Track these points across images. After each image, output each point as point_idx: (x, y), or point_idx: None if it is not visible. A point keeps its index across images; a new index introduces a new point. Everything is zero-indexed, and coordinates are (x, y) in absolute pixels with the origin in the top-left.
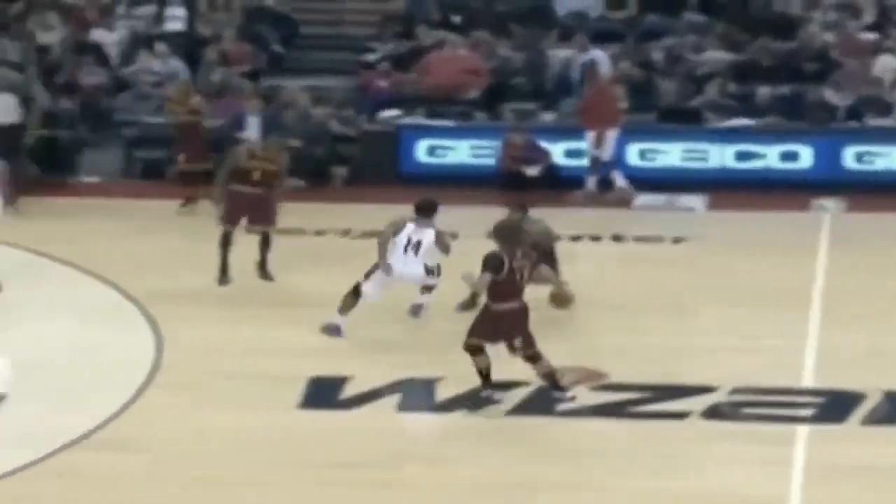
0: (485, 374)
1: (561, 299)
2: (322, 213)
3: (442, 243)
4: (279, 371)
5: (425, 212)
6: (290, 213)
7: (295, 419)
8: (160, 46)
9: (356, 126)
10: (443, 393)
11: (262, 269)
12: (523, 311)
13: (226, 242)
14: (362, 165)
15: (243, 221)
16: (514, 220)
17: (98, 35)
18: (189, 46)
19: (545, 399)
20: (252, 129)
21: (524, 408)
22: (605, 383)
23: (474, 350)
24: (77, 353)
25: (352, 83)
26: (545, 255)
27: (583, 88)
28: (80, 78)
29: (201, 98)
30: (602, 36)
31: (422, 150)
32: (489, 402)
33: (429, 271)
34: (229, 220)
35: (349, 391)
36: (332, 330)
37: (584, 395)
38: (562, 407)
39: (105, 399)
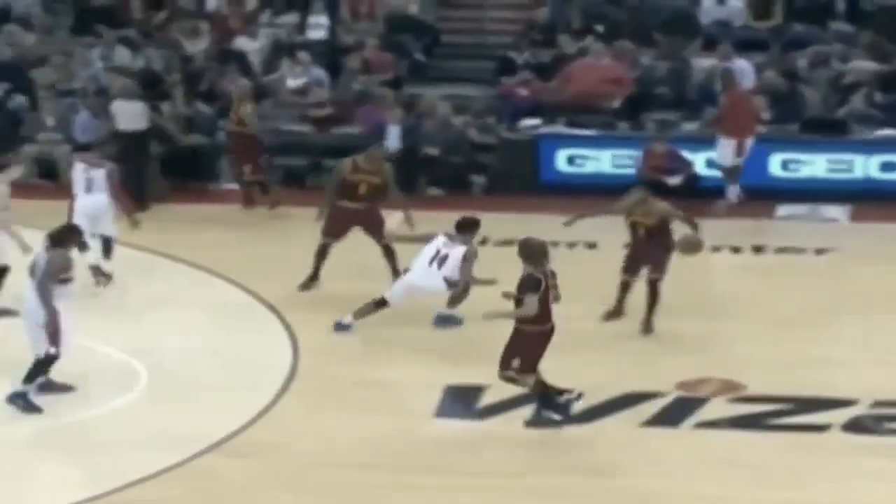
0: (544, 388)
1: (690, 244)
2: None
3: (467, 264)
4: (416, 378)
5: (463, 229)
6: (429, 222)
7: (430, 427)
8: (302, 55)
9: (496, 135)
10: (578, 404)
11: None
12: (546, 335)
13: (322, 254)
14: (501, 174)
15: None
16: (539, 240)
17: (241, 43)
18: (331, 55)
19: (681, 410)
20: (392, 138)
21: (659, 419)
22: (743, 395)
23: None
24: (215, 358)
25: (492, 92)
26: (671, 228)
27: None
28: (221, 86)
29: (253, 108)
30: (746, 45)
31: (561, 160)
32: (570, 404)
33: (450, 285)
34: (332, 234)
35: (486, 400)
36: (342, 328)
37: (722, 407)
38: (698, 419)
39: (241, 404)
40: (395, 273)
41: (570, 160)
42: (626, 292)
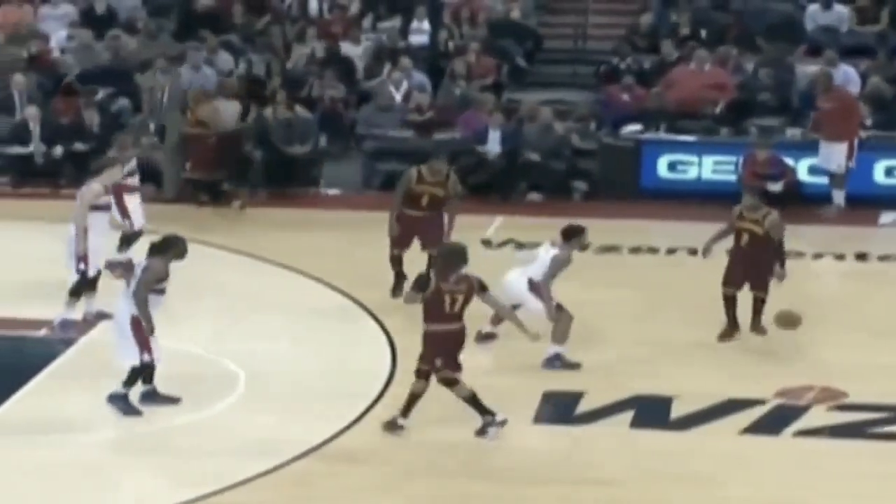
0: (474, 402)
1: (788, 319)
2: (560, 227)
3: (554, 267)
4: (514, 385)
5: (568, 237)
6: (529, 228)
7: (528, 434)
8: (404, 60)
9: (597, 140)
10: (677, 410)
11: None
12: (455, 335)
13: (396, 262)
14: (602, 180)
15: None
16: (460, 245)
17: (343, 48)
18: (433, 60)
19: (781, 418)
20: (493, 143)
21: (759, 427)
22: (844, 403)
23: (449, 382)
24: (313, 363)
25: (594, 97)
26: (775, 246)
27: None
28: (322, 91)
29: (214, 108)
30: (852, 51)
31: (663, 166)
32: (491, 426)
33: (531, 287)
34: (400, 243)
35: (583, 406)
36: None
37: (822, 415)
38: (798, 427)
39: (338, 410)
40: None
41: (672, 166)
42: (733, 308)
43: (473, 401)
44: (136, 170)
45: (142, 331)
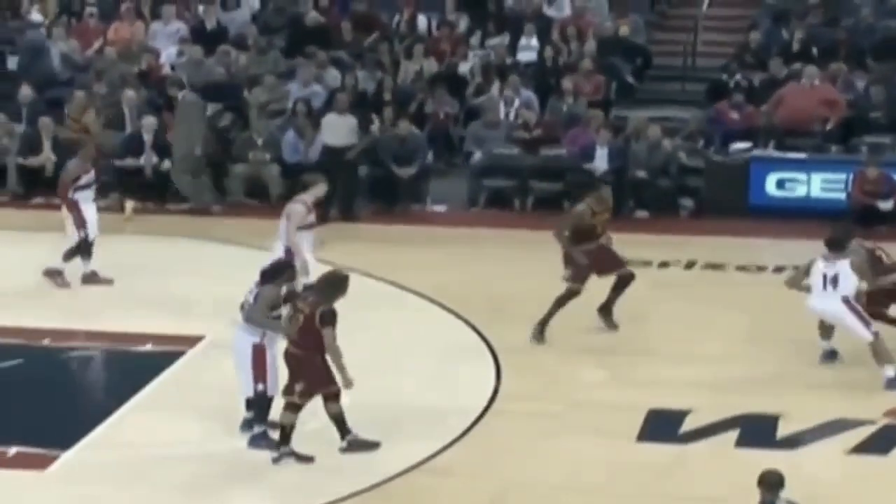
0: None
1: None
2: (668, 244)
3: (859, 268)
4: (620, 401)
5: (834, 246)
6: (636, 245)
7: (633, 451)
8: (512, 77)
9: (705, 158)
10: (784, 429)
11: (607, 311)
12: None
13: (565, 301)
14: (710, 198)
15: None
16: (341, 274)
17: (452, 65)
18: (541, 77)
19: (890, 439)
20: (600, 160)
21: (867, 447)
22: None
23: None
24: (419, 378)
25: (703, 115)
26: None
27: None
28: (430, 107)
29: (96, 116)
30: None
31: (771, 183)
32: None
33: (847, 303)
34: (581, 278)
35: (689, 424)
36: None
37: None
38: None
39: (444, 424)
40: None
41: (780, 184)
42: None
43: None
44: (93, 178)
45: (262, 361)
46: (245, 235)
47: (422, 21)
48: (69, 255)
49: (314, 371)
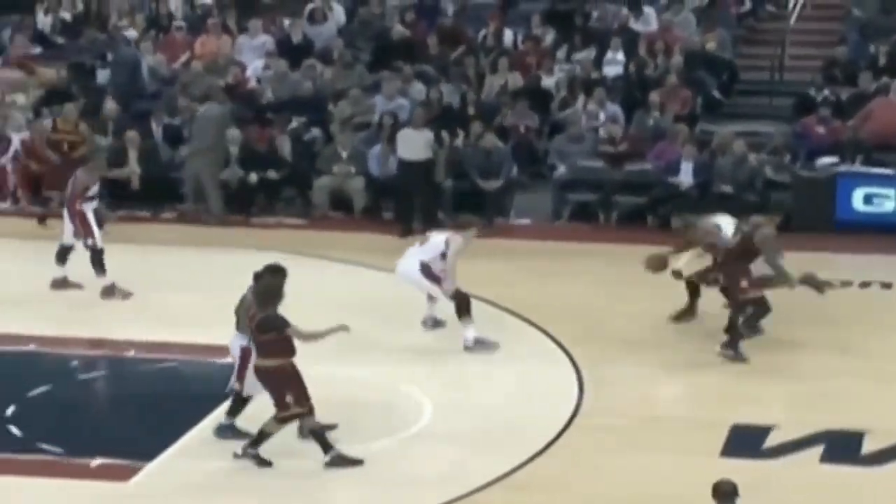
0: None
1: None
2: None
3: None
4: (704, 417)
5: None
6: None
7: (716, 467)
8: (598, 90)
9: (791, 173)
10: (869, 446)
11: (733, 334)
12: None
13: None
14: (796, 213)
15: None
16: (276, 283)
17: (536, 79)
18: (627, 91)
19: None
20: (685, 174)
21: None
22: None
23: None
24: (501, 393)
25: (789, 129)
26: None
27: None
28: (515, 121)
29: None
30: None
31: (858, 198)
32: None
33: None
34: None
35: (773, 440)
36: None
37: None
38: None
39: (525, 439)
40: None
41: (867, 199)
42: None
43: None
44: (98, 189)
45: (245, 363)
46: (329, 249)
47: (508, 35)
48: (98, 268)
49: (292, 378)
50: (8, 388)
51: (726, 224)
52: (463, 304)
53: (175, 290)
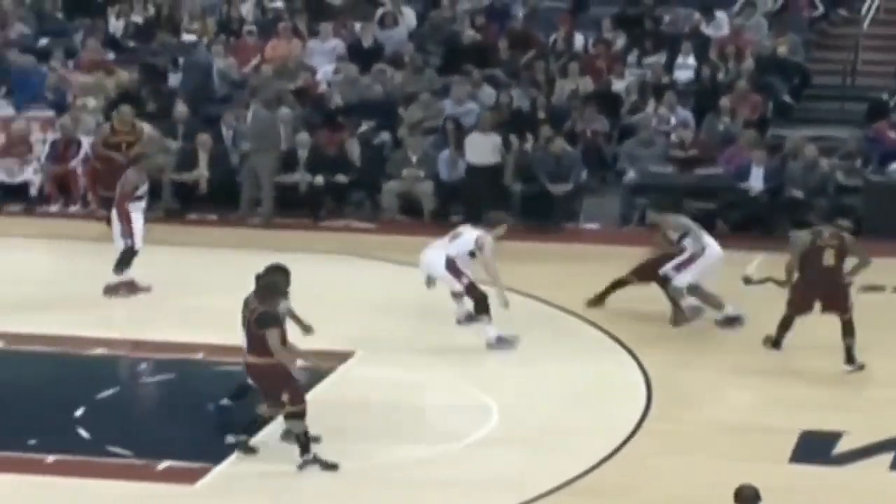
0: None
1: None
2: None
3: None
4: (773, 423)
5: None
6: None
7: (785, 473)
8: (669, 95)
9: (863, 178)
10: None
11: (848, 356)
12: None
13: (787, 326)
14: (867, 217)
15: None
16: (275, 277)
17: (607, 83)
18: (698, 95)
19: None
20: (756, 179)
21: None
22: None
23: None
24: (567, 397)
25: (861, 134)
26: None
27: None
28: (585, 125)
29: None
30: None
31: None
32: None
33: None
34: (800, 308)
35: (842, 446)
36: None
37: None
38: None
39: (591, 444)
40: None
41: None
42: None
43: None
44: (146, 190)
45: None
46: (398, 252)
47: (578, 39)
48: (121, 266)
49: (288, 376)
50: (77, 390)
51: (693, 230)
52: (482, 303)
53: (243, 293)
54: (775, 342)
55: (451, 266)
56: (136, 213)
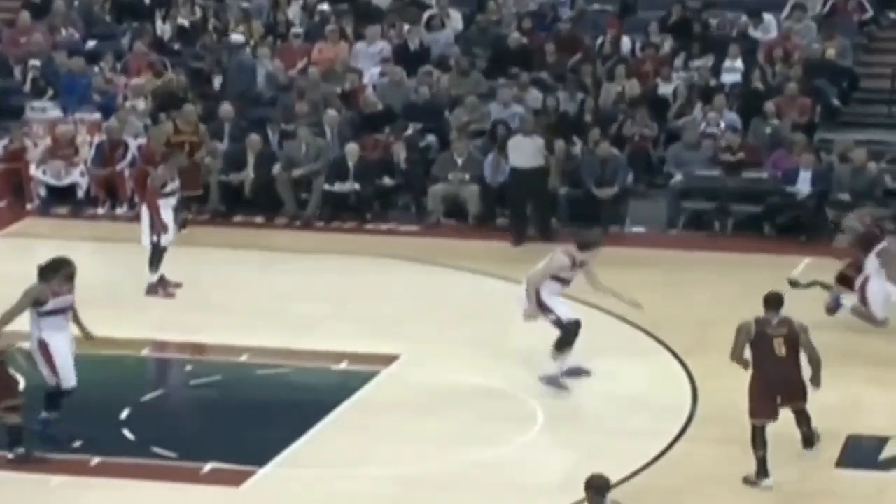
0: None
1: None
2: None
3: None
4: (819, 427)
5: None
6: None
7: (832, 478)
8: (717, 98)
9: None
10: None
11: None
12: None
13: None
14: None
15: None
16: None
17: (653, 87)
18: (745, 99)
19: None
20: (803, 183)
21: None
22: None
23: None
24: (612, 400)
25: None
26: None
27: None
28: (632, 129)
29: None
30: None
31: None
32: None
33: None
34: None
35: (889, 451)
36: None
37: None
38: None
39: (638, 448)
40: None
41: None
42: None
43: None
44: (177, 186)
45: (48, 355)
46: (443, 255)
47: (626, 43)
48: (154, 265)
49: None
50: (122, 391)
51: None
52: (564, 341)
53: (288, 297)
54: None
55: (538, 299)
56: (166, 209)
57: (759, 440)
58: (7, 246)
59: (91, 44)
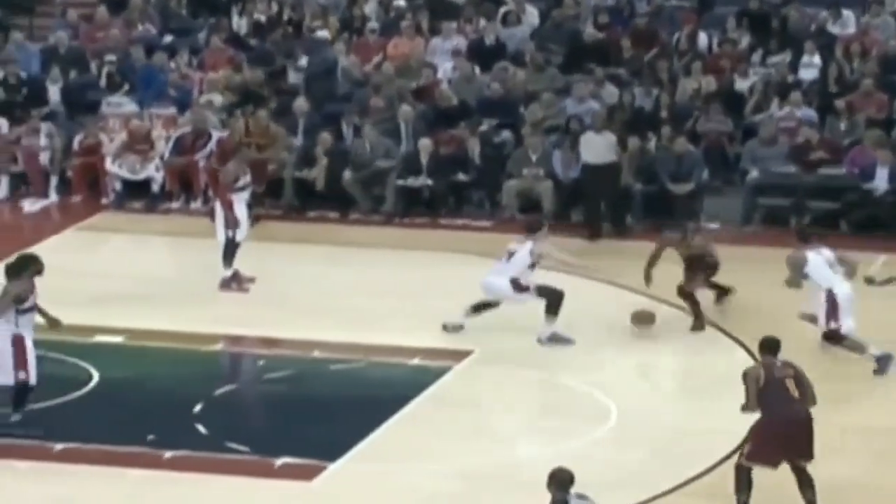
0: None
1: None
2: None
3: None
4: (880, 424)
5: None
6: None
7: None
8: (794, 94)
9: None
10: None
11: None
12: None
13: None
14: None
15: None
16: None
17: (729, 83)
18: (823, 95)
19: None
20: (881, 180)
21: None
22: None
23: None
24: (685, 398)
25: None
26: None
27: None
28: (707, 124)
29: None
30: None
31: None
32: None
33: None
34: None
35: None
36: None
37: None
38: None
39: (707, 446)
40: None
41: None
42: None
43: None
44: (249, 181)
45: (22, 350)
46: None
47: (702, 38)
48: (227, 260)
49: None
50: (196, 386)
51: None
52: (553, 305)
53: (360, 292)
54: None
55: (517, 285)
56: (240, 203)
57: (743, 482)
58: (82, 240)
59: (167, 39)
